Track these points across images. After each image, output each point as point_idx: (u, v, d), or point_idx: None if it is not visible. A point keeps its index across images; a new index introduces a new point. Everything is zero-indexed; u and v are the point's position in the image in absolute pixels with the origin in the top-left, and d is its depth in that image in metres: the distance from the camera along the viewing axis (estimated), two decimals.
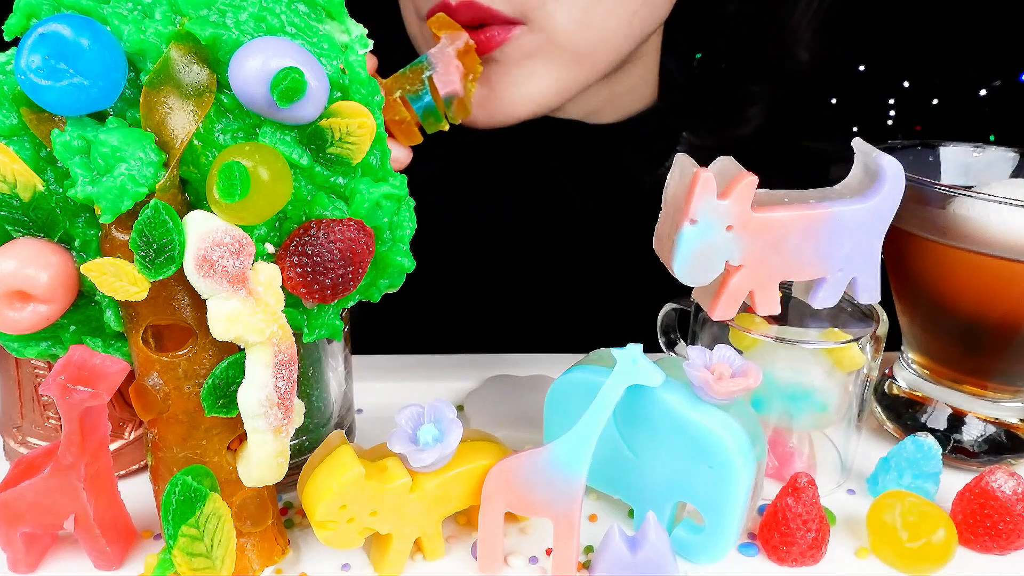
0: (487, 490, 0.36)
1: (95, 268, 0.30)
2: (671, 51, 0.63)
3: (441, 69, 0.41)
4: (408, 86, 0.40)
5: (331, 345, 0.43)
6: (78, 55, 0.28)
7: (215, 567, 0.34)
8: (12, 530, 0.35)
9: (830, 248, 0.37)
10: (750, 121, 0.64)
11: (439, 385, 0.52)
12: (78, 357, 0.33)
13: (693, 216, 0.35)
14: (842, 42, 0.76)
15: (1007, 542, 0.38)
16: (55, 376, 0.32)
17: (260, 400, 0.32)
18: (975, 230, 0.41)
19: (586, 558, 0.38)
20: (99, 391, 0.32)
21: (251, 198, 0.30)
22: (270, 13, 0.32)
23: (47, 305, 0.32)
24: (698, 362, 0.35)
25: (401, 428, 0.35)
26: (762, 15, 0.62)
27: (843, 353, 0.40)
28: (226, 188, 0.30)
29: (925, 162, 0.49)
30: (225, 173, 0.30)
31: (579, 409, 0.35)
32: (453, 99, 0.42)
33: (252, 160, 0.30)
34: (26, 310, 0.31)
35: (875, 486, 0.42)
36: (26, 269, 0.31)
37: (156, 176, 0.30)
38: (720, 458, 0.35)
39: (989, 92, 0.79)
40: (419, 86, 0.41)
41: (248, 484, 0.34)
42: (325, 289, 0.33)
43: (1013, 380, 0.45)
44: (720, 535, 0.37)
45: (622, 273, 0.60)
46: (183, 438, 0.34)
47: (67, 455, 0.34)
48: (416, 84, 0.41)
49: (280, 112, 0.31)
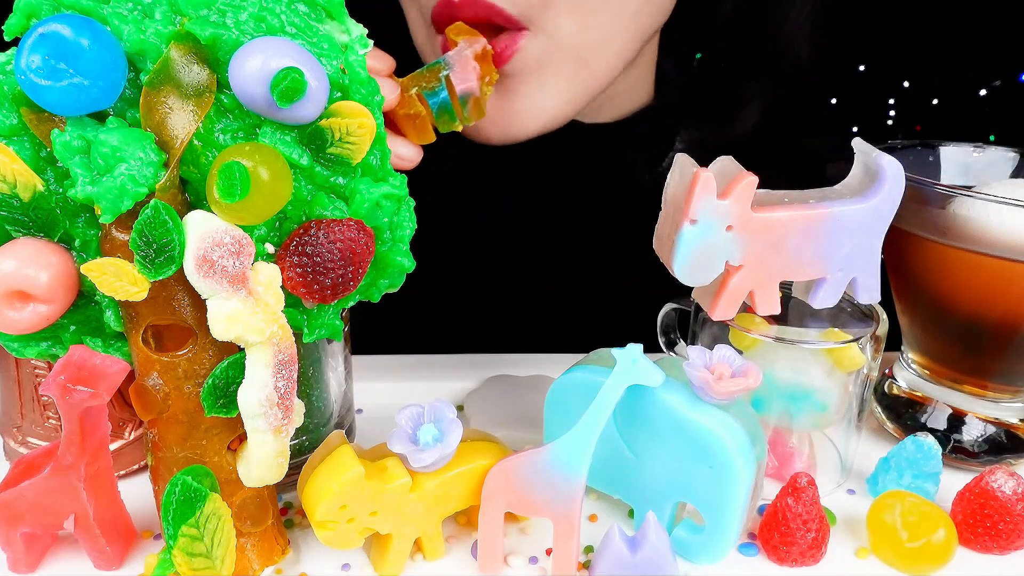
0: (487, 490, 0.36)
1: (95, 268, 0.30)
2: (668, 51, 0.63)
3: (458, 69, 0.42)
4: (424, 83, 0.41)
5: (331, 345, 0.43)
6: (78, 55, 0.28)
7: (215, 567, 0.34)
8: (12, 530, 0.35)
9: (830, 248, 0.37)
10: (747, 120, 0.64)
11: (439, 385, 0.52)
12: (78, 357, 0.33)
13: (693, 216, 0.35)
14: (842, 42, 0.76)
15: (1007, 542, 0.38)
16: (55, 376, 0.32)
17: (260, 400, 0.32)
18: (975, 230, 0.41)
19: (586, 558, 0.38)
20: (99, 391, 0.32)
21: (251, 198, 0.30)
22: (270, 13, 0.31)
23: (47, 305, 0.32)
24: (698, 362, 0.35)
25: (401, 428, 0.35)
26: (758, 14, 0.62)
27: (843, 353, 0.40)
28: (226, 188, 0.30)
29: (925, 162, 0.49)
30: (225, 173, 0.30)
31: (579, 409, 0.35)
32: (469, 98, 0.42)
33: (252, 160, 0.30)
34: (26, 310, 0.31)
35: (875, 486, 0.42)
36: (26, 269, 0.31)
37: (156, 176, 0.30)
38: (720, 458, 0.35)
39: (989, 92, 0.79)
40: (436, 83, 0.41)
41: (248, 484, 0.34)
42: (325, 289, 0.33)
43: (1013, 380, 0.45)
44: (720, 535, 0.37)
45: (622, 273, 0.60)
46: (183, 438, 0.34)
47: (67, 455, 0.34)
48: (433, 82, 0.41)
49: (280, 112, 0.31)
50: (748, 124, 0.64)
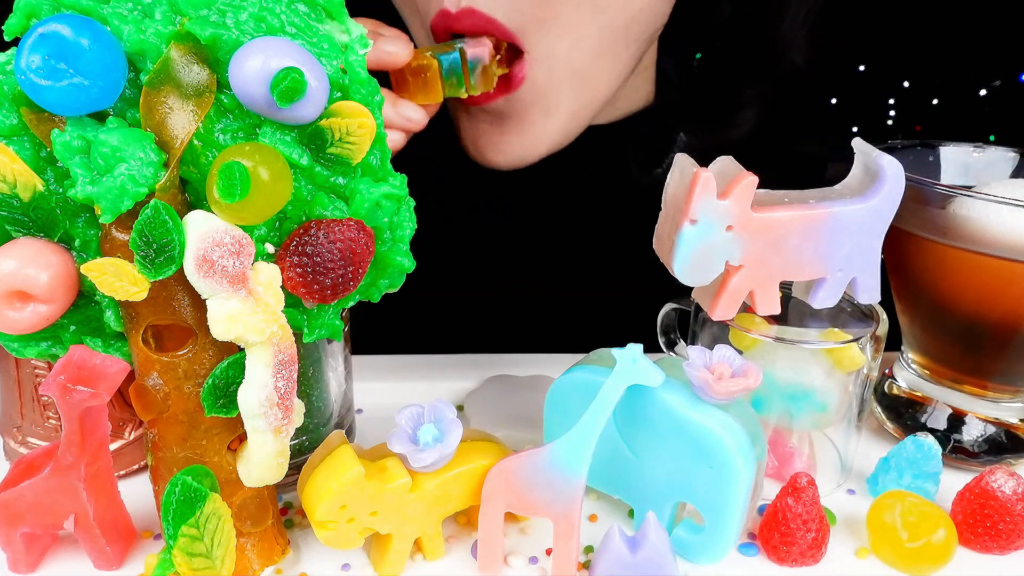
0: (487, 490, 0.36)
1: (95, 268, 0.30)
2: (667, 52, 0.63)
3: (472, 43, 0.45)
4: (437, 49, 0.44)
5: (331, 345, 0.43)
6: (78, 55, 0.28)
7: (215, 567, 0.34)
8: (12, 530, 0.35)
9: (830, 248, 0.37)
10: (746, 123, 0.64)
11: (439, 385, 0.52)
12: (78, 357, 0.33)
13: (693, 216, 0.35)
14: (842, 42, 0.76)
15: (1007, 542, 0.38)
16: (55, 376, 0.32)
17: (260, 400, 0.32)
18: (975, 230, 0.41)
19: (586, 558, 0.38)
20: (99, 391, 0.32)
21: (251, 198, 0.30)
22: (270, 13, 0.31)
23: (47, 305, 0.32)
24: (698, 362, 0.35)
25: (401, 428, 0.35)
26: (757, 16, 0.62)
27: (843, 353, 0.40)
28: (226, 188, 0.30)
29: (925, 162, 0.49)
30: (225, 173, 0.30)
31: (579, 409, 0.35)
32: (479, 65, 0.44)
33: (252, 160, 0.30)
34: (26, 310, 0.31)
35: (875, 486, 0.42)
36: (26, 269, 0.31)
37: (156, 176, 0.30)
38: (720, 458, 0.35)
39: (989, 92, 0.79)
40: (449, 49, 0.44)
41: (248, 484, 0.34)
42: (325, 289, 0.33)
43: (1013, 380, 0.45)
44: (720, 535, 0.37)
45: (622, 273, 0.60)
46: (183, 438, 0.34)
47: (67, 455, 0.34)
48: (447, 49, 0.44)
49: (280, 112, 0.31)
50: (747, 127, 0.64)
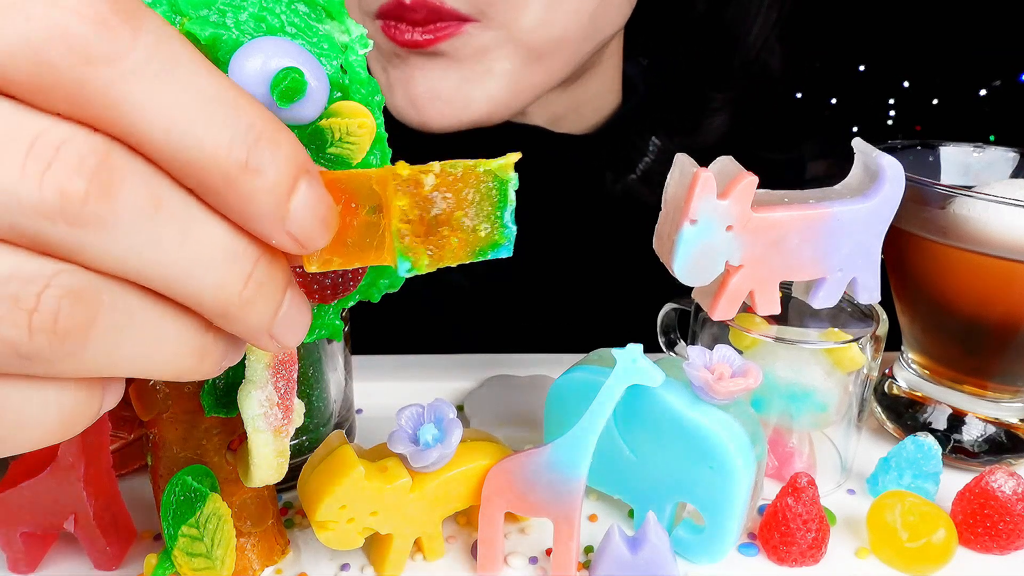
0: (487, 490, 0.36)
1: None
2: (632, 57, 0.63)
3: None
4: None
5: (331, 345, 0.43)
6: None
7: (215, 567, 0.34)
8: (12, 530, 0.35)
9: (830, 248, 0.37)
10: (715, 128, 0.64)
11: (439, 385, 0.52)
12: None
13: (693, 216, 0.35)
14: (842, 42, 0.76)
15: (1007, 542, 0.38)
16: None
17: (260, 400, 0.32)
18: (975, 230, 0.41)
19: (586, 558, 0.38)
20: None
21: None
22: (270, 13, 0.31)
23: None
24: (698, 362, 0.35)
25: (401, 428, 0.35)
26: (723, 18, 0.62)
27: (843, 353, 0.40)
28: None
29: (925, 162, 0.49)
30: None
31: (579, 409, 0.35)
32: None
33: None
34: None
35: (875, 486, 0.42)
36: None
37: None
38: (720, 458, 0.35)
39: (989, 92, 0.79)
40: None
41: (248, 484, 0.34)
42: (325, 289, 0.33)
43: (1013, 380, 0.45)
44: (720, 535, 0.37)
45: (622, 273, 0.60)
46: (183, 438, 0.34)
47: (67, 455, 0.34)
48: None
49: (280, 112, 0.31)
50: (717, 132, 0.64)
